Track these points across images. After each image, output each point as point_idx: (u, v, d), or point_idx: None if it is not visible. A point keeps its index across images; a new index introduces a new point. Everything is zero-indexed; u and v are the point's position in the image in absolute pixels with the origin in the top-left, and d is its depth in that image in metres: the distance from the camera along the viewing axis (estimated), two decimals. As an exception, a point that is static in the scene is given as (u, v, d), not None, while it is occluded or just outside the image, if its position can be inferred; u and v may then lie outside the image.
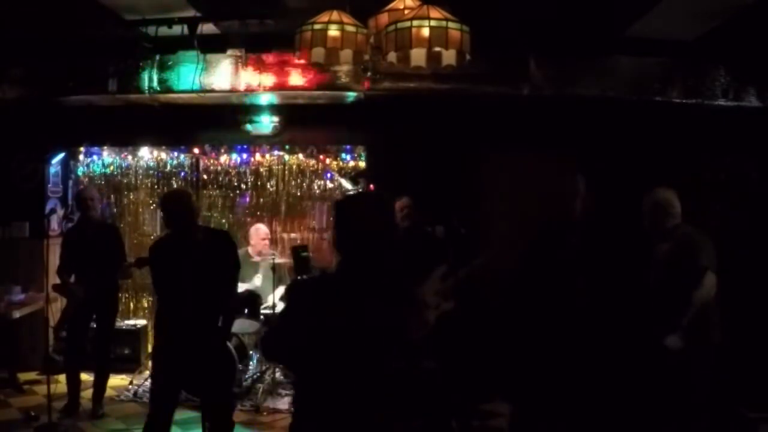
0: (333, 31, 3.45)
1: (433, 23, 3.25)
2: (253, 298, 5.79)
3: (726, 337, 3.90)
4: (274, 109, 6.11)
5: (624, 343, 4.31)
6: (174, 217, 3.93)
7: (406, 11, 3.52)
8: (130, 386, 5.78)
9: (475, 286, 4.39)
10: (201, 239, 3.91)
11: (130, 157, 7.18)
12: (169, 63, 5.60)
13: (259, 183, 7.15)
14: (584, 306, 4.28)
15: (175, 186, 7.04)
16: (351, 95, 5.77)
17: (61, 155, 6.66)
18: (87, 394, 5.22)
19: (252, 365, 6.01)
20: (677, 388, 3.86)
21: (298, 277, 5.49)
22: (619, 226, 4.96)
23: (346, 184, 7.02)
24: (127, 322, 6.57)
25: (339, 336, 1.93)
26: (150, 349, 6.02)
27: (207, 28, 5.12)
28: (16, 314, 5.50)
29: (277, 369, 5.95)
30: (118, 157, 7.18)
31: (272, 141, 6.47)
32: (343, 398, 1.97)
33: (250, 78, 5.59)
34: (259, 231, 6.32)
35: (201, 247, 3.86)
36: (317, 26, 3.46)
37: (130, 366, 6.10)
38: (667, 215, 4.02)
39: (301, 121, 6.15)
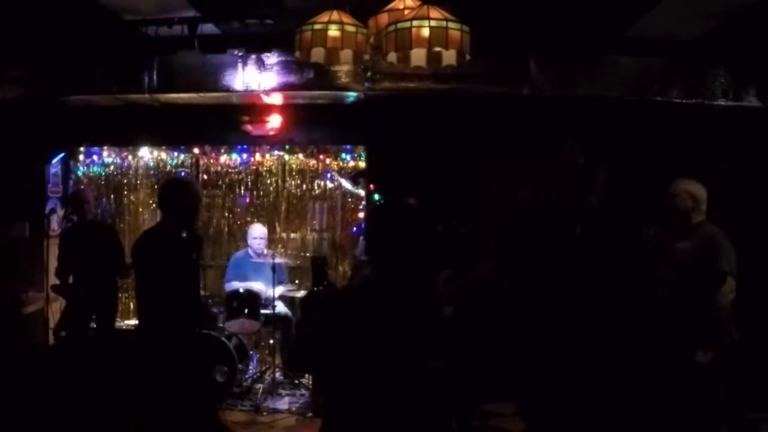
0: (333, 31, 3.45)
1: (433, 23, 3.25)
2: (253, 298, 5.79)
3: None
4: (274, 109, 6.11)
5: (637, 347, 4.20)
6: (168, 206, 3.93)
7: (406, 11, 3.52)
8: (130, 386, 5.78)
9: (476, 292, 4.38)
10: (183, 236, 3.89)
11: (130, 157, 7.18)
12: (169, 63, 5.60)
13: (259, 183, 7.15)
14: (592, 306, 4.21)
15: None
16: (351, 95, 5.76)
17: (61, 155, 6.66)
18: (87, 394, 5.22)
19: (252, 365, 6.02)
20: (695, 391, 3.80)
21: (315, 288, 5.50)
22: (619, 226, 4.95)
23: (346, 184, 7.03)
24: (127, 322, 6.58)
25: (378, 342, 1.96)
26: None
27: (207, 28, 5.12)
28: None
29: (277, 369, 5.95)
30: (118, 157, 7.18)
31: (272, 141, 6.47)
32: (381, 401, 1.99)
33: (250, 78, 5.59)
34: (253, 230, 6.33)
35: (182, 244, 3.84)
36: (317, 26, 3.46)
37: (130, 366, 6.10)
38: (695, 210, 3.90)
39: (301, 121, 6.15)
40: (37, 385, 4.15)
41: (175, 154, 7.14)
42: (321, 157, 7.07)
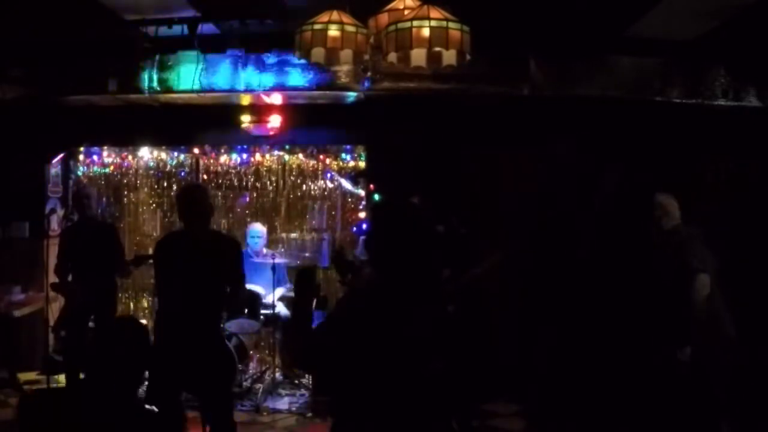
0: (333, 31, 3.45)
1: (433, 23, 3.26)
2: (253, 298, 5.79)
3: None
4: (274, 109, 6.11)
5: (634, 346, 4.32)
6: (181, 211, 3.95)
7: (406, 11, 3.52)
8: (130, 386, 5.77)
9: (476, 291, 4.39)
10: (204, 240, 3.88)
11: (130, 157, 7.18)
12: (169, 63, 5.60)
13: (259, 183, 7.15)
14: (597, 305, 4.31)
15: (175, 186, 7.06)
16: (351, 95, 5.76)
17: (61, 155, 6.66)
18: (87, 394, 5.21)
19: (252, 365, 6.02)
20: (693, 388, 3.93)
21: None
22: (619, 226, 4.96)
23: (346, 184, 7.03)
24: (126, 322, 6.56)
25: (385, 344, 1.97)
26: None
27: (207, 28, 5.12)
28: (16, 314, 5.50)
29: (277, 369, 5.95)
30: (118, 157, 7.18)
31: (272, 141, 6.47)
32: (385, 402, 2.00)
33: (250, 78, 5.59)
34: (252, 229, 6.34)
35: (202, 247, 3.83)
36: (317, 26, 3.46)
37: (130, 366, 6.09)
38: (664, 215, 4.21)
39: (301, 121, 6.15)
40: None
41: (175, 154, 7.14)
42: (321, 157, 7.06)
